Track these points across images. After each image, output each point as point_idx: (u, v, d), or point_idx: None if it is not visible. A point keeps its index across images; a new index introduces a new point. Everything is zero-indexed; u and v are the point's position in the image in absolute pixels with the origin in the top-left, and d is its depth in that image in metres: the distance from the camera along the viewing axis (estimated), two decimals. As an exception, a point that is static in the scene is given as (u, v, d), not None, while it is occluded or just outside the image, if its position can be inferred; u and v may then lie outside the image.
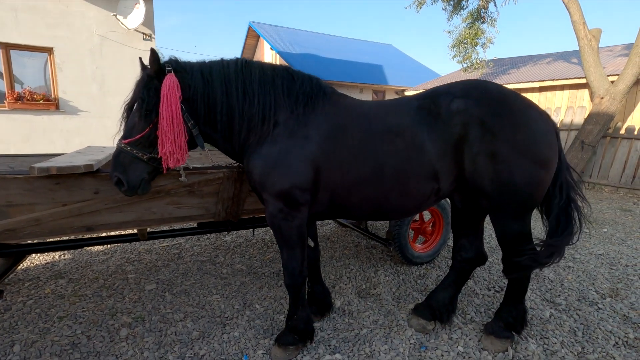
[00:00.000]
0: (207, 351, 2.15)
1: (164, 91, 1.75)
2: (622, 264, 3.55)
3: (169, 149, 1.77)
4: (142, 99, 1.77)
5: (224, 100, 1.90)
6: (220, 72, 1.90)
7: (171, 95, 1.75)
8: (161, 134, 1.77)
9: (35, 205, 2.04)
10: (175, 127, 1.77)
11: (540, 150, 1.84)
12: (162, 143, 1.77)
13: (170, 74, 1.78)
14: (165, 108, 1.75)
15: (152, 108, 1.77)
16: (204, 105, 1.88)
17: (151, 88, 1.77)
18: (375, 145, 1.90)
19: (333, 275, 3.19)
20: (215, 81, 1.88)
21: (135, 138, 1.79)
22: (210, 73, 1.89)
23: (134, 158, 1.80)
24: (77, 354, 2.11)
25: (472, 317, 2.56)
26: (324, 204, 2.01)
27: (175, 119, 1.77)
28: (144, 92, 1.77)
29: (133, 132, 1.81)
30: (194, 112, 1.88)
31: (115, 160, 1.81)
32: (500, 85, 2.00)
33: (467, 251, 2.31)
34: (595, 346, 2.27)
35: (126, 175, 1.80)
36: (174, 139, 1.77)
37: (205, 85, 1.87)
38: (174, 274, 3.17)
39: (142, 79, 1.81)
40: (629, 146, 7.26)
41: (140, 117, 1.79)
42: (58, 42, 6.41)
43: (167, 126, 1.76)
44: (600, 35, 7.50)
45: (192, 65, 1.91)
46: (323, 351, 2.16)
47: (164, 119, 1.75)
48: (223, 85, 1.89)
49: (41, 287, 2.90)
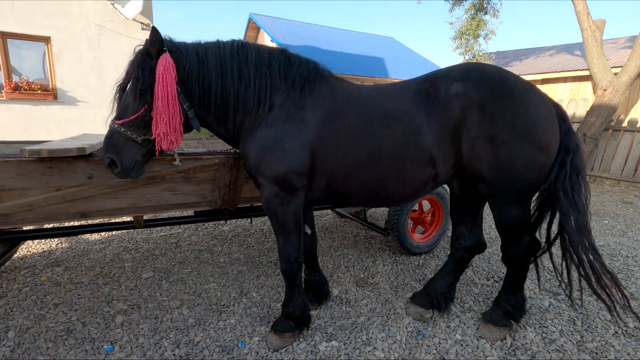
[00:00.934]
0: (203, 338, 2.14)
1: (160, 71, 1.69)
2: (622, 255, 3.52)
3: (162, 130, 1.72)
4: (137, 79, 1.71)
5: (218, 83, 1.85)
6: (216, 53, 1.85)
7: (167, 75, 1.70)
8: (155, 114, 1.72)
9: (28, 190, 2.01)
10: (170, 108, 1.73)
11: (540, 134, 1.79)
12: (156, 124, 1.72)
13: (166, 54, 1.73)
14: (161, 88, 1.70)
15: (148, 88, 1.71)
16: (198, 87, 1.83)
17: (146, 67, 1.71)
18: (372, 129, 1.86)
19: (331, 265, 3.17)
20: (210, 62, 1.83)
21: (129, 119, 1.74)
22: (206, 54, 1.84)
23: (127, 139, 1.75)
24: (72, 339, 2.10)
25: (471, 306, 2.54)
26: (320, 189, 1.98)
27: (171, 99, 1.72)
28: (139, 72, 1.70)
29: (127, 112, 1.75)
30: (189, 94, 1.83)
31: (108, 142, 1.75)
32: (500, 68, 1.95)
33: (465, 239, 2.28)
34: (594, 335, 2.25)
35: (119, 156, 1.74)
36: (168, 119, 1.73)
37: (200, 67, 1.82)
38: (171, 262, 3.15)
39: (137, 57, 1.75)
40: (631, 139, 7.19)
41: (134, 97, 1.73)
42: (55, 31, 6.34)
43: (162, 107, 1.71)
44: (604, 26, 7.40)
45: (187, 46, 1.85)
46: (319, 338, 2.14)
47: (159, 99, 1.70)
48: (218, 66, 1.84)
49: (37, 274, 2.89)
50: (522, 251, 2.02)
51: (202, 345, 2.07)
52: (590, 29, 7.12)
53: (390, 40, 22.91)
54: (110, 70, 6.90)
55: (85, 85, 6.75)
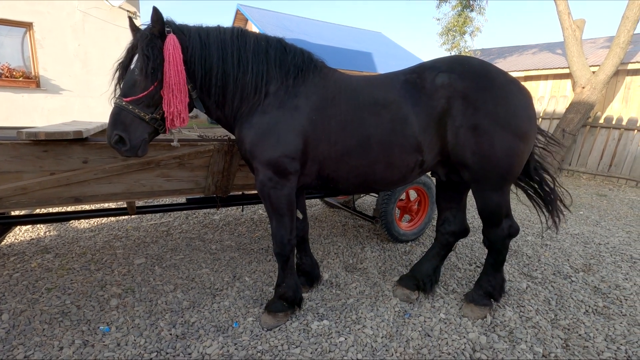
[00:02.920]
0: (198, 319, 2.20)
1: (169, 50, 1.71)
2: (595, 243, 3.73)
3: (176, 108, 1.75)
4: (148, 57, 1.70)
5: (219, 65, 1.88)
6: (217, 37, 1.89)
7: (176, 54, 1.72)
8: (168, 92, 1.73)
9: (22, 173, 2.02)
10: (182, 86, 1.76)
11: (520, 123, 1.92)
12: (168, 102, 1.74)
13: (172, 34, 1.75)
14: (172, 67, 1.71)
15: (158, 67, 1.72)
16: (201, 68, 1.86)
17: (155, 46, 1.72)
18: (362, 117, 1.95)
19: (321, 252, 3.27)
20: (212, 45, 1.87)
21: (138, 96, 1.73)
22: (208, 37, 1.87)
23: (135, 117, 1.73)
24: (67, 321, 2.13)
25: (454, 288, 2.68)
26: (312, 174, 2.06)
27: (181, 78, 1.75)
28: (149, 50, 1.70)
29: (135, 90, 1.74)
30: (192, 75, 1.86)
31: (115, 119, 1.72)
32: (483, 60, 2.06)
33: (450, 224, 2.40)
34: (567, 313, 2.41)
35: (128, 134, 1.72)
36: (181, 98, 1.75)
37: (202, 49, 1.85)
38: (162, 249, 3.18)
39: (144, 36, 1.73)
40: (607, 135, 7.52)
41: (145, 75, 1.72)
42: (38, 17, 6.17)
43: (174, 84, 1.73)
44: (584, 25, 7.66)
45: (189, 28, 1.88)
46: (311, 318, 2.24)
47: (171, 77, 1.72)
48: (220, 50, 1.88)
49: (27, 261, 2.88)
50: (502, 234, 2.15)
51: (197, 326, 2.14)
52: (571, 28, 7.36)
53: (379, 36, 23.00)
54: (95, 59, 6.76)
55: (70, 73, 6.60)
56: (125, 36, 7.03)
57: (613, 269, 3.10)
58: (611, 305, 2.53)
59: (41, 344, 1.94)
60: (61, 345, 1.92)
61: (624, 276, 2.98)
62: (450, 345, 2.03)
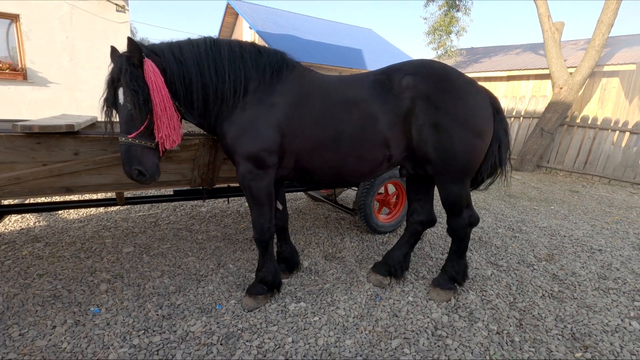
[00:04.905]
0: (183, 301, 2.36)
1: (151, 77, 1.79)
2: (560, 235, 3.99)
3: (165, 133, 1.86)
4: (135, 91, 1.76)
5: (199, 79, 1.99)
6: (191, 52, 1.99)
7: (157, 79, 1.81)
8: (156, 119, 1.83)
9: (16, 163, 2.14)
10: (167, 111, 1.85)
11: (476, 122, 2.11)
12: (157, 128, 1.84)
13: (148, 60, 1.83)
14: (156, 94, 1.80)
15: (147, 97, 1.79)
16: (181, 86, 1.97)
17: (139, 77, 1.78)
18: (334, 113, 2.12)
19: (303, 242, 3.44)
20: (188, 61, 1.97)
21: (140, 130, 1.82)
22: (182, 53, 1.97)
23: (144, 148, 1.86)
24: (59, 303, 2.27)
25: (424, 275, 2.88)
26: (289, 166, 2.22)
27: (167, 102, 1.84)
28: (135, 84, 1.76)
29: (135, 124, 1.83)
30: (174, 94, 1.96)
31: (128, 155, 1.84)
32: (445, 64, 2.26)
33: (419, 214, 2.60)
34: (524, 297, 2.64)
35: (143, 166, 1.86)
36: (168, 122, 1.86)
37: (179, 67, 1.95)
38: (150, 239, 3.32)
39: (126, 70, 1.77)
40: (583, 134, 7.84)
41: (138, 109, 1.79)
42: (25, 8, 6.16)
43: (160, 111, 1.83)
44: (563, 28, 7.95)
45: (161, 48, 1.97)
46: (289, 300, 2.42)
47: (156, 104, 1.81)
48: (196, 65, 1.98)
49: (18, 249, 2.99)
50: (463, 223, 2.36)
51: (182, 307, 2.30)
52: (551, 30, 7.64)
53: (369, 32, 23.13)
54: (83, 52, 6.78)
55: (57, 66, 6.61)
56: (113, 29, 7.08)
57: (573, 259, 3.35)
58: (565, 290, 2.77)
59: (35, 323, 2.07)
60: (54, 324, 2.06)
61: (582, 265, 3.23)
62: (415, 324, 2.23)
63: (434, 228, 3.89)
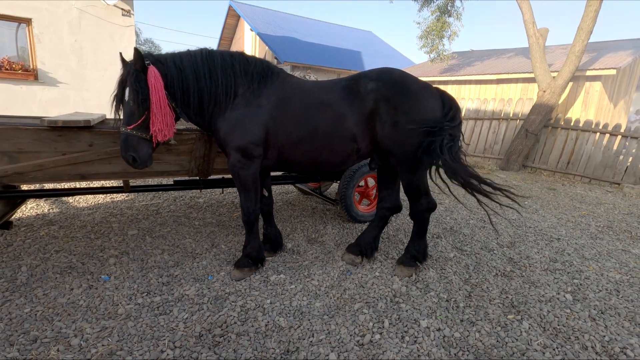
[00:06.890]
0: (180, 273, 2.75)
1: (152, 81, 2.20)
2: (526, 226, 4.36)
3: (157, 127, 2.24)
4: (137, 91, 2.15)
5: (195, 85, 2.39)
6: (190, 61, 2.39)
7: (157, 83, 2.21)
8: (152, 115, 2.22)
9: (40, 153, 2.55)
10: (162, 109, 2.25)
11: (428, 120, 2.49)
12: (152, 123, 2.23)
13: (152, 67, 2.23)
14: (154, 94, 2.20)
15: (147, 97, 2.18)
16: (179, 90, 2.36)
17: (141, 80, 2.17)
18: (311, 113, 2.51)
19: (289, 228, 3.83)
20: (186, 69, 2.37)
21: (137, 123, 2.21)
22: (181, 62, 2.37)
23: (140, 139, 2.25)
24: (75, 273, 2.67)
25: (393, 256, 3.27)
26: (273, 158, 2.62)
27: (162, 102, 2.24)
28: (137, 85, 2.15)
29: (134, 118, 2.21)
30: (173, 96, 2.36)
31: (126, 143, 2.22)
32: (404, 71, 2.65)
33: (386, 201, 2.99)
34: (479, 275, 3.01)
35: (137, 153, 2.25)
36: (162, 118, 2.25)
37: (179, 73, 2.35)
38: (152, 224, 3.72)
39: (132, 74, 2.17)
40: (566, 135, 8.20)
41: (137, 105, 2.18)
42: (37, 13, 6.58)
43: (156, 109, 2.22)
44: (547, 34, 8.32)
45: (165, 57, 2.37)
46: (271, 273, 2.81)
47: (153, 103, 2.21)
48: (193, 72, 2.38)
49: (36, 230, 3.39)
50: (421, 208, 2.74)
51: (179, 277, 2.69)
52: (535, 36, 8.01)
53: (369, 35, 23.52)
54: (90, 54, 7.19)
55: (66, 67, 7.02)
56: (119, 32, 7.50)
57: (531, 246, 3.73)
58: (517, 270, 3.14)
59: (55, 286, 2.47)
60: (71, 287, 2.46)
61: (537, 251, 3.60)
62: (377, 293, 2.62)
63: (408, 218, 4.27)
